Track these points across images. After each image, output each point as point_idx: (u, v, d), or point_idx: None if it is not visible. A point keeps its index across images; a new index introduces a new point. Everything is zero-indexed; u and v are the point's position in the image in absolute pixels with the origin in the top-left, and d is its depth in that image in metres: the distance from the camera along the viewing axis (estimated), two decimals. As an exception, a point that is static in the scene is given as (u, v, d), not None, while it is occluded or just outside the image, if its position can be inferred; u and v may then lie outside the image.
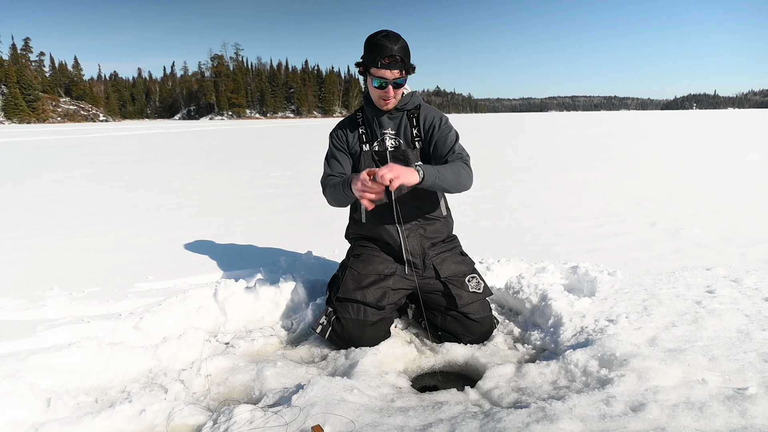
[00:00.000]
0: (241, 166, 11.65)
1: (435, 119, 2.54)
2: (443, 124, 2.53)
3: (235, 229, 5.09)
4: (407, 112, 2.54)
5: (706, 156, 11.67)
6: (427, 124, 2.54)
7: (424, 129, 2.54)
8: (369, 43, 2.35)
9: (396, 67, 2.33)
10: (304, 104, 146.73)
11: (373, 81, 2.38)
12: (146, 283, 3.44)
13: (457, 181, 2.33)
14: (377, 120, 2.54)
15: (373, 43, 2.32)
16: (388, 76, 2.35)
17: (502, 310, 2.99)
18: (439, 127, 2.52)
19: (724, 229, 4.61)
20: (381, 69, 2.32)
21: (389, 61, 2.31)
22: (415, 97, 2.56)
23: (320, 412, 1.79)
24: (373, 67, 2.34)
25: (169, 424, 1.88)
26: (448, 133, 2.51)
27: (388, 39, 2.31)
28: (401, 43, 2.33)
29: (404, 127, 2.55)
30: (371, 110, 2.55)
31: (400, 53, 2.31)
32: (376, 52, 2.31)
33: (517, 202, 6.37)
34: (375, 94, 2.45)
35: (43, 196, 7.43)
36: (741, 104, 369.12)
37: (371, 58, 2.33)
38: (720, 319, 2.50)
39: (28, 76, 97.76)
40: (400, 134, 2.56)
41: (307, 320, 2.77)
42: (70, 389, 2.11)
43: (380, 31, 2.37)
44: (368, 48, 2.35)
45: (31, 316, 2.85)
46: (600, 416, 1.75)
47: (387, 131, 2.56)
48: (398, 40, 2.33)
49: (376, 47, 2.31)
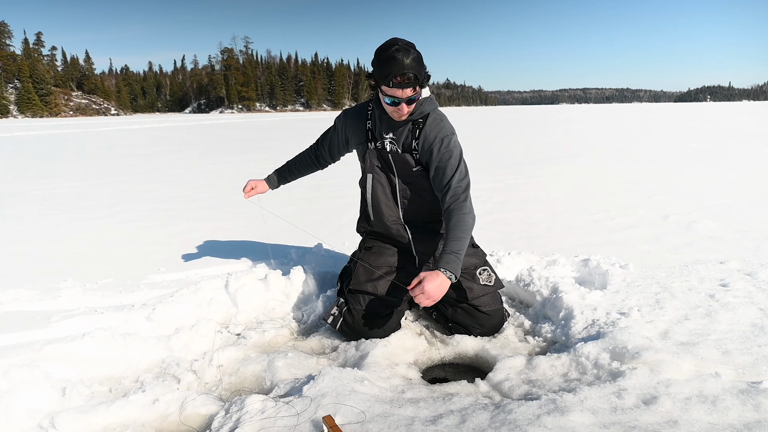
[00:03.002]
0: (251, 159, 11.69)
1: (435, 141, 2.39)
2: (444, 147, 2.38)
3: (245, 221, 5.11)
4: (413, 122, 2.43)
5: (719, 148, 11.51)
6: (426, 144, 2.41)
7: (422, 147, 2.42)
8: (380, 58, 2.20)
9: (408, 86, 2.19)
10: (314, 97, 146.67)
11: (385, 98, 2.28)
12: (158, 275, 3.47)
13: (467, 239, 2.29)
14: (385, 122, 2.48)
15: (384, 58, 2.18)
16: (401, 95, 2.23)
17: (513, 303, 2.99)
18: (438, 150, 2.38)
19: (738, 222, 4.55)
20: (393, 88, 2.20)
21: (401, 80, 2.17)
22: (427, 104, 2.40)
23: (331, 402, 1.80)
24: (384, 86, 2.22)
25: (182, 413, 1.90)
26: (448, 160, 2.37)
27: (400, 53, 2.15)
28: (413, 56, 2.17)
29: (405, 135, 2.46)
30: (379, 112, 2.47)
31: (413, 70, 2.16)
32: (387, 70, 2.17)
33: (528, 194, 6.33)
34: (388, 109, 2.35)
35: (56, 189, 7.50)
36: (756, 96, 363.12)
37: (382, 75, 2.19)
38: (734, 312, 2.48)
39: (41, 70, 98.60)
40: (399, 142, 2.48)
41: (317, 312, 2.79)
42: (84, 379, 2.14)
43: (391, 42, 2.21)
44: (379, 63, 2.20)
45: (46, 307, 2.89)
46: (611, 409, 1.75)
47: (388, 136, 2.49)
48: (410, 53, 2.17)
49: (387, 63, 2.16)
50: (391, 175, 2.55)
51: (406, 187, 2.55)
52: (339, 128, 2.66)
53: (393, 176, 2.54)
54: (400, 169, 2.51)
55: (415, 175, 2.50)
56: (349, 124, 2.62)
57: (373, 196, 2.59)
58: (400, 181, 2.54)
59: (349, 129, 2.62)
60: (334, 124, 2.68)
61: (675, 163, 9.18)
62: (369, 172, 2.57)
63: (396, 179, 2.54)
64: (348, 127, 2.63)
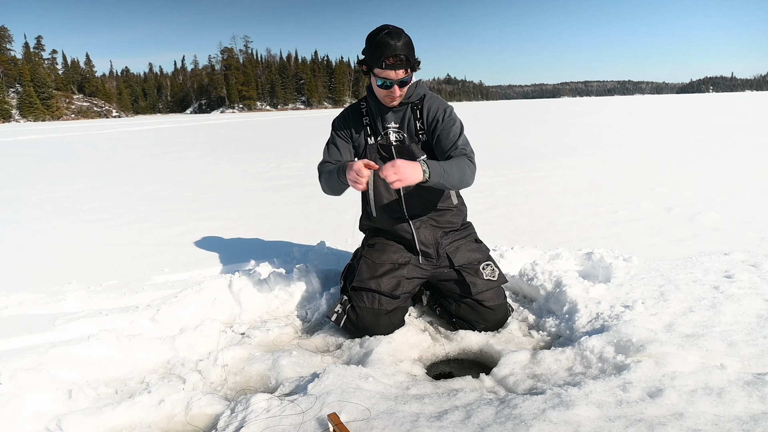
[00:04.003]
0: (253, 158, 11.70)
1: (438, 111, 2.46)
2: (447, 116, 2.45)
3: (248, 221, 5.12)
4: (411, 105, 2.48)
5: (722, 140, 11.45)
6: (431, 116, 2.46)
7: (428, 121, 2.47)
8: (371, 42, 2.26)
9: (401, 67, 2.24)
10: (315, 95, 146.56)
11: (377, 81, 2.32)
12: (162, 276, 3.48)
13: (460, 180, 2.28)
14: (381, 114, 2.50)
15: (376, 42, 2.23)
16: (393, 77, 2.27)
17: (517, 297, 2.98)
18: (442, 119, 2.44)
19: (742, 213, 4.53)
20: (385, 70, 2.25)
21: (393, 62, 2.22)
22: (420, 87, 2.47)
23: (336, 400, 1.81)
24: (376, 68, 2.27)
25: (188, 413, 1.91)
26: (452, 126, 2.43)
27: (391, 37, 2.21)
28: (404, 40, 2.23)
29: (408, 120, 2.49)
30: (375, 104, 2.49)
31: (404, 52, 2.22)
32: (379, 52, 2.22)
33: (530, 188, 6.32)
34: (380, 93, 2.39)
35: (59, 192, 7.53)
36: (759, 86, 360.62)
37: (375, 58, 2.25)
38: (739, 304, 2.47)
39: (42, 74, 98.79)
40: (404, 128, 2.50)
41: (321, 310, 2.79)
42: (90, 380, 2.15)
43: (382, 27, 2.27)
44: (371, 47, 2.26)
45: (51, 310, 2.90)
46: (617, 402, 1.74)
47: (390, 125, 2.51)
48: (401, 36, 2.23)
49: (379, 46, 2.22)
50: None
51: None
52: (338, 130, 2.60)
53: None
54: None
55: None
56: (345, 123, 2.59)
57: (375, 193, 2.57)
58: None
59: (348, 128, 2.59)
60: (331, 131, 2.64)
61: (678, 155, 9.14)
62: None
63: None
64: (346, 126, 2.59)
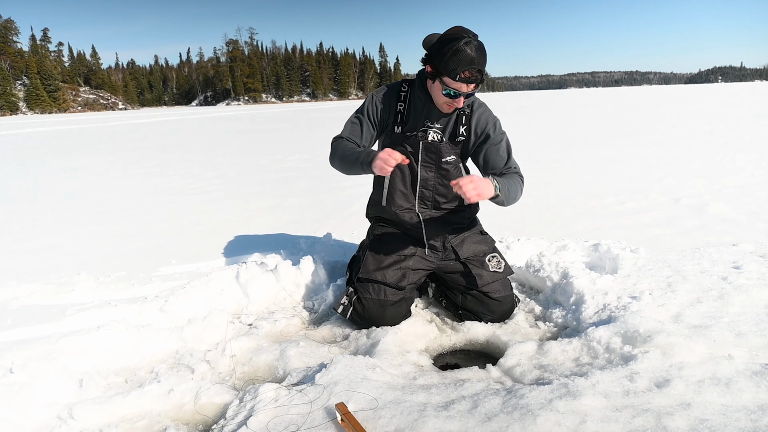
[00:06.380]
0: (259, 150, 11.70)
1: (489, 125, 2.39)
2: (497, 131, 2.40)
3: (254, 213, 5.14)
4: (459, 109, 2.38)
5: (731, 130, 11.35)
6: (480, 128, 2.40)
7: (476, 133, 2.40)
8: (449, 48, 2.08)
9: (474, 82, 2.14)
10: (320, 87, 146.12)
11: (443, 89, 2.19)
12: (170, 267, 3.50)
13: (515, 198, 2.32)
14: (427, 110, 2.38)
15: (454, 50, 2.07)
16: (464, 90, 2.16)
17: (523, 289, 2.98)
18: (494, 133, 2.38)
19: (751, 203, 4.50)
20: (458, 82, 2.12)
21: (469, 76, 2.10)
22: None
23: (344, 389, 1.82)
24: (447, 77, 2.13)
25: (197, 402, 1.93)
26: (501, 142, 2.40)
27: (472, 49, 2.06)
28: (482, 51, 2.09)
29: (452, 123, 2.41)
30: (424, 98, 2.37)
31: (482, 66, 2.10)
32: (456, 62, 2.07)
33: (537, 180, 6.29)
34: (440, 99, 2.27)
35: (67, 184, 7.57)
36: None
37: (449, 68, 2.09)
38: (747, 294, 2.46)
39: (48, 66, 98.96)
40: (446, 131, 2.42)
41: (328, 301, 2.80)
42: (100, 370, 2.17)
43: (461, 33, 2.09)
44: (447, 52, 2.09)
45: (61, 301, 2.93)
46: (624, 392, 1.75)
47: (435, 126, 2.41)
48: (479, 48, 2.08)
49: (456, 55, 2.06)
50: (414, 163, 2.47)
51: (428, 177, 2.48)
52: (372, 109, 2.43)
53: (416, 165, 2.46)
54: (428, 158, 2.45)
55: (442, 165, 2.45)
56: (381, 106, 2.44)
57: (390, 183, 2.51)
58: (423, 170, 2.47)
59: (383, 109, 2.44)
60: (365, 106, 2.45)
61: (686, 145, 9.07)
62: None
63: (418, 168, 2.46)
64: (380, 108, 2.44)
